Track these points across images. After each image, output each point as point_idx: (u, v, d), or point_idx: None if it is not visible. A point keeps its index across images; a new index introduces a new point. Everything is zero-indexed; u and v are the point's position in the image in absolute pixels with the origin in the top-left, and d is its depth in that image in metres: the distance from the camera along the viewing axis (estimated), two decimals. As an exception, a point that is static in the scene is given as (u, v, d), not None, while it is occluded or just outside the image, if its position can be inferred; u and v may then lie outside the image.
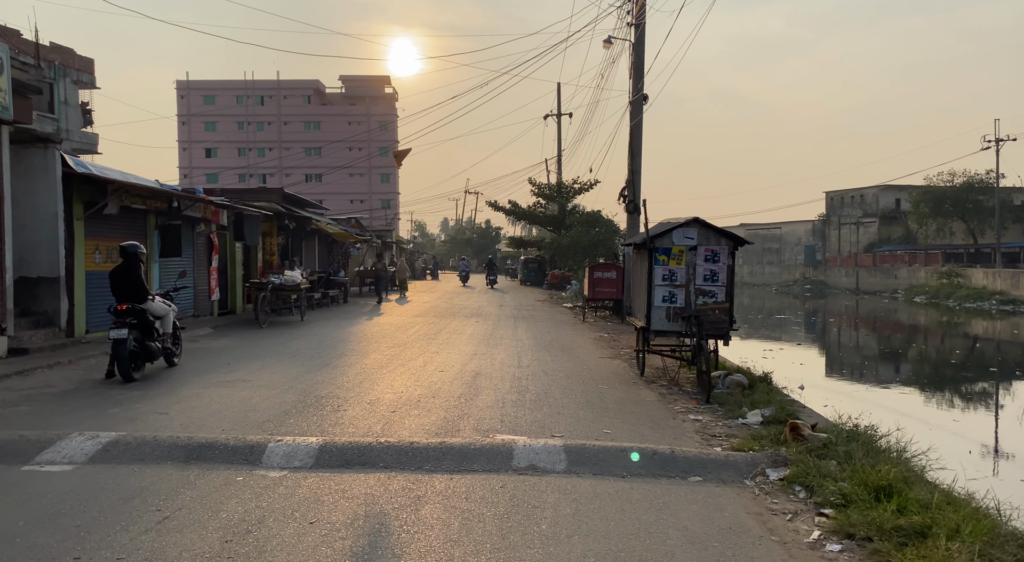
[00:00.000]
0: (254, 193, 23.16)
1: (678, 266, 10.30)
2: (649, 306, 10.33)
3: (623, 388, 9.93)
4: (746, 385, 9.93)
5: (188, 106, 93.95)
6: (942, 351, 24.22)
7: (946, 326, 34.21)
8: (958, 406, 14.87)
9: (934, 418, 12.73)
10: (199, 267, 17.50)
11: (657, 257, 10.31)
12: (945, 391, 16.86)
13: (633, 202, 21.27)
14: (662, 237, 10.31)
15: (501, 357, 12.64)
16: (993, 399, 16.25)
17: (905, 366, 20.93)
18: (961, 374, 19.51)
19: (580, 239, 37.18)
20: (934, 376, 18.95)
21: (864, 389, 16.87)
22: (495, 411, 8.14)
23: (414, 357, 12.41)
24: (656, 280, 10.30)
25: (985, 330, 32.22)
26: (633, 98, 21.09)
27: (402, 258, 41.97)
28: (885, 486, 5.09)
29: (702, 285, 10.26)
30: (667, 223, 10.89)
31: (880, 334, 31.54)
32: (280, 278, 17.57)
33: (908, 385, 17.69)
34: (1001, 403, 15.52)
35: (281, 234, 23.40)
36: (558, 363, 12.06)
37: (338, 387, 9.41)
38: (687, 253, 10.27)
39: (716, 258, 10.25)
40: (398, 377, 10.31)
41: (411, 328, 17.42)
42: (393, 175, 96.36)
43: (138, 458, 5.97)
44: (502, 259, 72.97)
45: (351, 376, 10.30)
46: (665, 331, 10.38)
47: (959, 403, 15.25)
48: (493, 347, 14.04)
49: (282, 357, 12.10)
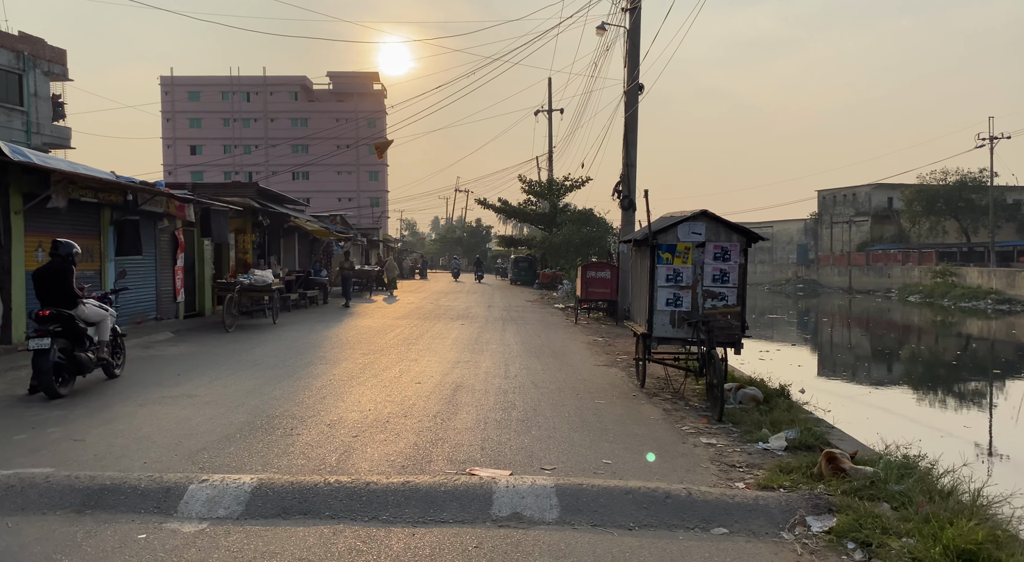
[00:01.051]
0: (228, 188, 21.88)
1: (684, 265, 9.14)
2: (651, 310, 9.18)
3: (622, 403, 8.76)
4: (761, 399, 8.79)
5: (172, 102, 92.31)
6: (944, 351, 23.21)
7: (944, 326, 33.29)
8: (975, 412, 13.79)
9: (957, 428, 11.63)
10: (163, 266, 16.22)
11: (660, 255, 9.15)
12: (958, 395, 15.80)
13: (628, 198, 20.12)
14: (666, 232, 9.16)
15: (486, 365, 11.46)
16: (995, 401, 15.19)
17: (908, 367, 19.89)
18: (971, 376, 18.47)
19: (572, 237, 36.02)
20: (941, 379, 17.90)
21: (866, 392, 15.84)
22: (475, 434, 6.96)
23: (390, 366, 11.21)
24: (659, 281, 9.14)
25: (984, 330, 31.28)
26: (628, 87, 19.93)
27: (390, 257, 41.00)
28: (970, 550, 3.95)
29: (711, 287, 9.11)
30: (671, 217, 9.73)
31: (878, 334, 30.56)
32: (249, 278, 16.32)
33: (913, 388, 16.64)
34: (995, 403, 14.47)
35: (256, 231, 22.12)
36: (549, 372, 10.89)
37: (297, 404, 8.20)
38: (694, 250, 9.12)
39: (726, 256, 9.10)
40: (368, 391, 9.11)
41: (391, 332, 16.21)
42: (382, 173, 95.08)
43: (19, 507, 4.75)
44: (492, 258, 73.06)
45: (315, 390, 9.09)
46: (669, 338, 9.22)
47: (975, 409, 14.18)
48: (478, 353, 12.86)
49: (242, 366, 10.87)
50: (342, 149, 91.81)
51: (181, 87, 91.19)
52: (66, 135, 37.62)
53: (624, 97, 20.21)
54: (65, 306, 8.28)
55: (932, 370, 19.66)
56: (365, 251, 42.99)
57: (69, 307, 8.31)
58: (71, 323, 8.24)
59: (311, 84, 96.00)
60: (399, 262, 51.42)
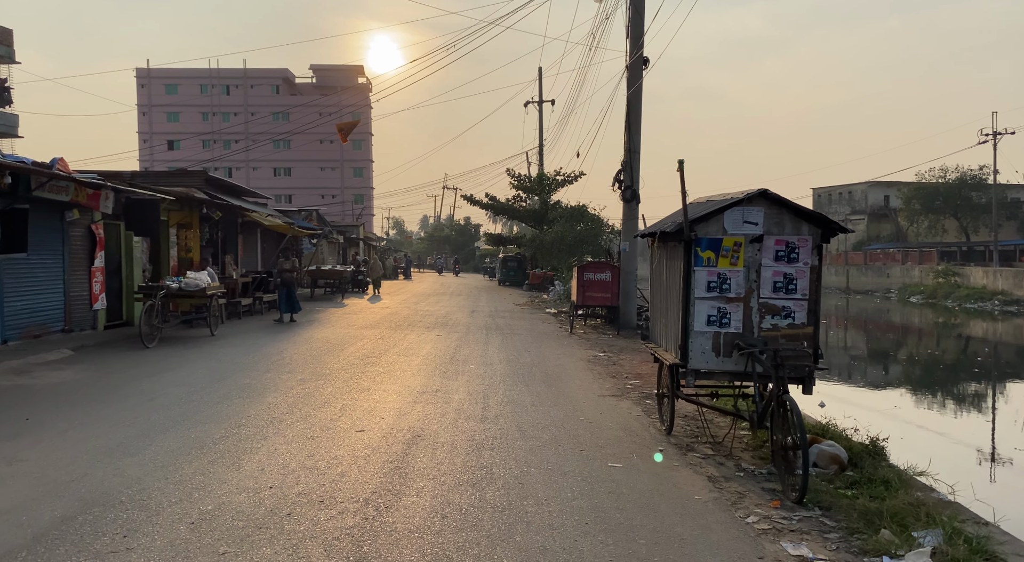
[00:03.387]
0: (171, 177, 19.11)
1: (733, 269, 6.48)
2: (685, 331, 6.51)
3: (649, 468, 6.09)
4: (845, 461, 6.15)
5: (149, 96, 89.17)
6: (964, 357, 20.67)
7: (951, 328, 30.89)
8: None
9: None
10: (74, 267, 13.41)
11: (699, 254, 6.48)
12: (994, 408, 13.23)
13: (631, 188, 17.48)
14: (707, 222, 6.49)
15: (460, 398, 8.76)
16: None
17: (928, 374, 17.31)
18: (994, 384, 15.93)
19: (564, 235, 33.34)
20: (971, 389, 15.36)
21: (885, 399, 13.34)
22: (425, 544, 4.27)
23: (330, 400, 8.49)
24: (698, 290, 6.48)
25: (997, 333, 28.83)
26: (631, 61, 17.29)
27: (374, 257, 38.92)
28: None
29: (771, 298, 6.46)
30: (712, 200, 7.08)
31: (885, 337, 28.09)
32: (180, 281, 13.54)
33: (937, 396, 14.14)
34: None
35: (206, 226, 19.31)
36: (541, 409, 8.21)
37: (165, 477, 5.48)
38: (747, 247, 6.46)
39: (793, 255, 6.45)
40: (284, 447, 6.39)
41: (350, 346, 13.48)
42: (367, 169, 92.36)
43: None
44: (480, 257, 70.88)
45: (207, 446, 6.37)
46: (712, 371, 6.56)
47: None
48: (451, 378, 10.16)
49: (127, 404, 8.12)
50: (325, 144, 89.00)
51: (158, 80, 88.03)
52: (12, 122, 34.62)
53: (626, 72, 17.56)
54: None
55: (958, 377, 17.08)
56: (342, 250, 40.18)
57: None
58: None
59: (293, 77, 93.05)
60: (382, 262, 48.64)
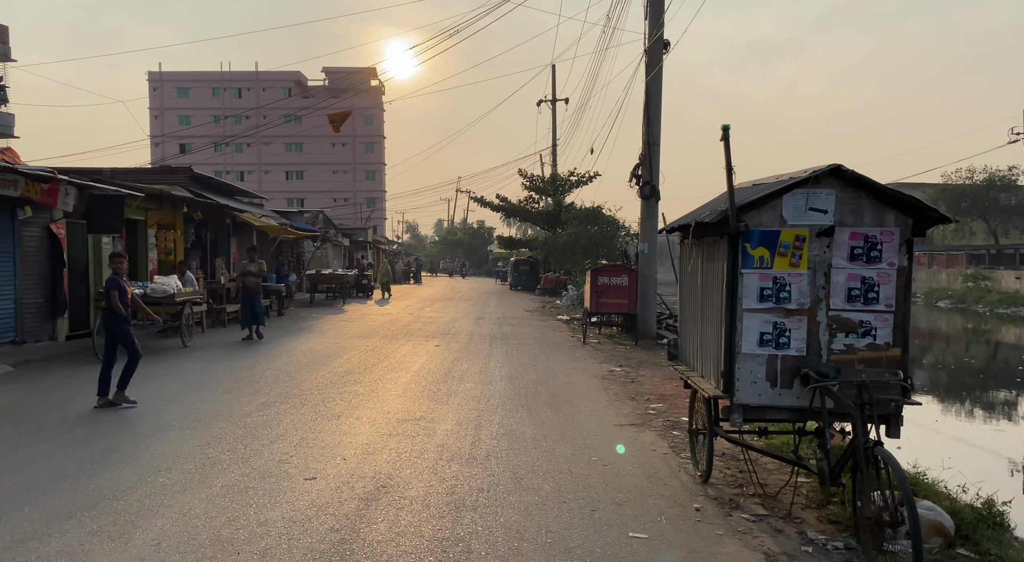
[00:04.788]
0: (153, 174, 17.77)
1: (794, 271, 4.91)
2: (730, 354, 4.95)
3: (682, 539, 4.52)
4: (952, 533, 4.55)
5: (161, 99, 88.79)
6: None
7: (989, 334, 28.91)
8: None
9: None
10: (27, 271, 12.04)
11: (749, 251, 4.92)
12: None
13: (650, 184, 15.90)
14: (759, 209, 4.92)
15: (446, 428, 7.23)
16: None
17: (996, 390, 15.53)
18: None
19: (578, 238, 31.77)
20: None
21: (964, 427, 11.53)
22: None
23: (289, 431, 6.98)
24: (747, 300, 4.92)
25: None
26: (650, 44, 15.73)
27: (384, 261, 38.35)
28: None
29: (845, 310, 4.88)
30: (763, 183, 5.51)
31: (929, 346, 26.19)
32: (145, 286, 12.13)
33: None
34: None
35: (191, 227, 17.95)
36: (544, 446, 6.65)
37: (12, 561, 4.00)
38: (812, 243, 4.89)
39: (875, 253, 4.87)
40: (203, 506, 4.89)
41: (335, 359, 12.00)
42: (379, 172, 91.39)
43: None
44: (493, 261, 69.90)
45: (101, 505, 4.88)
46: (766, 407, 4.98)
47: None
48: (441, 401, 8.63)
49: (36, 437, 6.65)
50: (337, 147, 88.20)
51: (170, 83, 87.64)
52: (7, 122, 33.64)
53: (644, 57, 16.01)
54: None
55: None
56: (348, 253, 38.85)
57: None
58: None
59: (306, 80, 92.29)
60: (392, 266, 47.32)
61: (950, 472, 6.12)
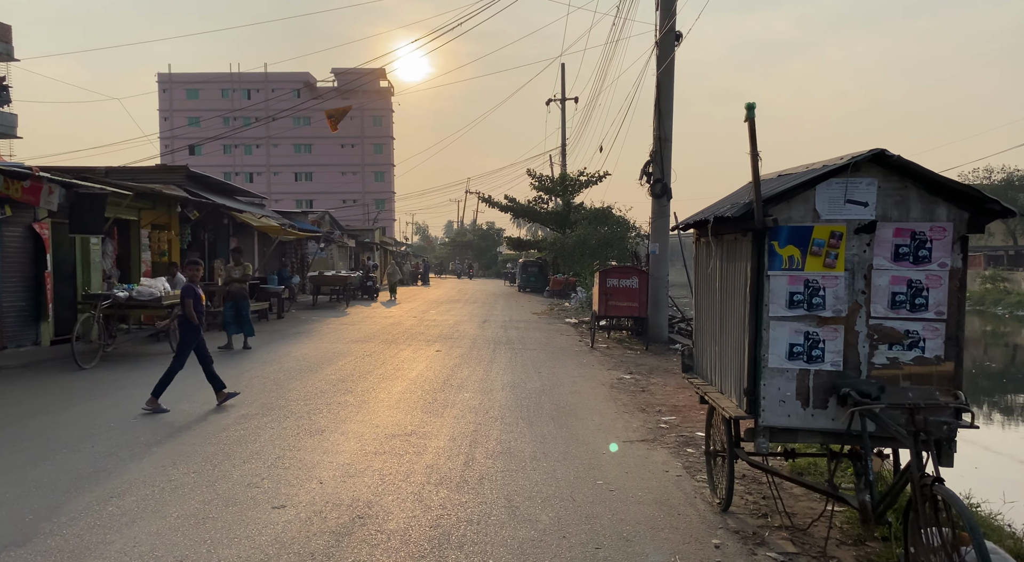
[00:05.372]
0: (149, 173, 17.26)
1: (829, 273, 4.25)
2: (755, 368, 4.30)
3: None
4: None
5: (171, 101, 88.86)
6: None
7: (1012, 337, 28.04)
8: None
9: None
10: (7, 274, 11.51)
11: (777, 250, 4.27)
12: None
13: (661, 181, 15.23)
14: (789, 201, 4.27)
15: (438, 445, 6.61)
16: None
17: None
18: None
19: (587, 238, 31.08)
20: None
21: (1004, 436, 10.76)
22: None
23: (265, 449, 6.37)
24: (775, 306, 4.27)
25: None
26: (661, 35, 15.07)
27: (392, 262, 38.20)
28: None
29: (889, 318, 4.22)
30: (790, 174, 4.86)
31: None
32: (131, 288, 11.58)
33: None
34: None
35: (187, 227, 17.44)
36: (545, 466, 6.01)
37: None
38: (850, 240, 4.23)
39: (923, 252, 4.21)
40: (150, 542, 4.28)
41: (329, 366, 11.41)
42: (387, 173, 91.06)
43: None
44: (502, 262, 69.66)
45: (31, 543, 4.29)
46: (796, 429, 4.33)
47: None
48: (436, 414, 8.00)
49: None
50: (347, 148, 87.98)
51: (179, 84, 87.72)
52: (11, 123, 33.26)
53: (656, 49, 15.35)
54: None
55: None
56: (354, 255, 38.35)
57: None
58: None
59: (315, 81, 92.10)
60: (400, 267, 46.82)
61: (1012, 505, 5.41)
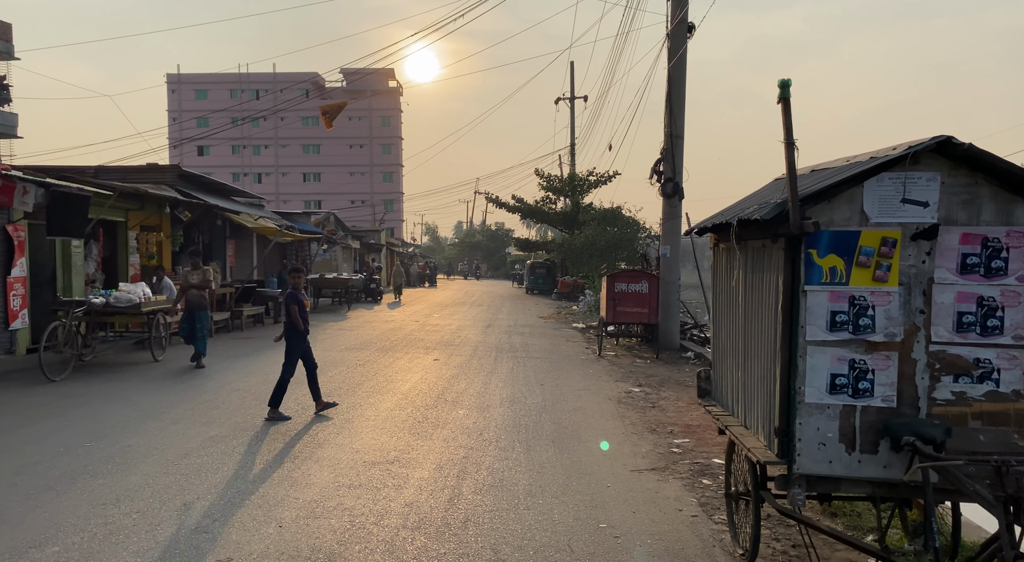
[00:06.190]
0: (139, 172, 16.63)
1: (879, 287, 3.48)
2: (788, 403, 3.54)
3: None
4: None
5: (180, 101, 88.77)
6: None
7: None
8: None
9: None
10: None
11: (815, 260, 3.50)
12: None
13: (672, 180, 14.47)
14: (830, 201, 3.51)
15: (421, 476, 5.87)
16: None
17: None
18: None
19: (596, 239, 30.32)
20: None
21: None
22: None
23: (227, 479, 5.65)
24: (813, 328, 3.50)
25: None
26: (672, 27, 14.30)
27: (397, 264, 37.73)
28: None
29: (953, 344, 3.44)
30: (825, 168, 4.09)
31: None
32: (109, 294, 10.92)
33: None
34: None
35: (179, 229, 16.80)
36: (542, 504, 5.26)
37: None
38: (907, 248, 3.46)
39: (997, 262, 3.43)
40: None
41: (321, 376, 10.68)
42: (396, 174, 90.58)
43: None
44: (511, 263, 69.20)
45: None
46: (839, 478, 3.56)
47: None
48: (425, 435, 7.27)
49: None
50: (355, 149, 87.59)
51: (188, 85, 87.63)
52: (11, 122, 32.84)
53: (667, 41, 14.58)
54: None
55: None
56: (359, 256, 37.71)
57: None
58: None
59: (323, 81, 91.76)
60: (406, 269, 46.19)
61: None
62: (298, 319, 8.12)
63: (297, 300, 8.21)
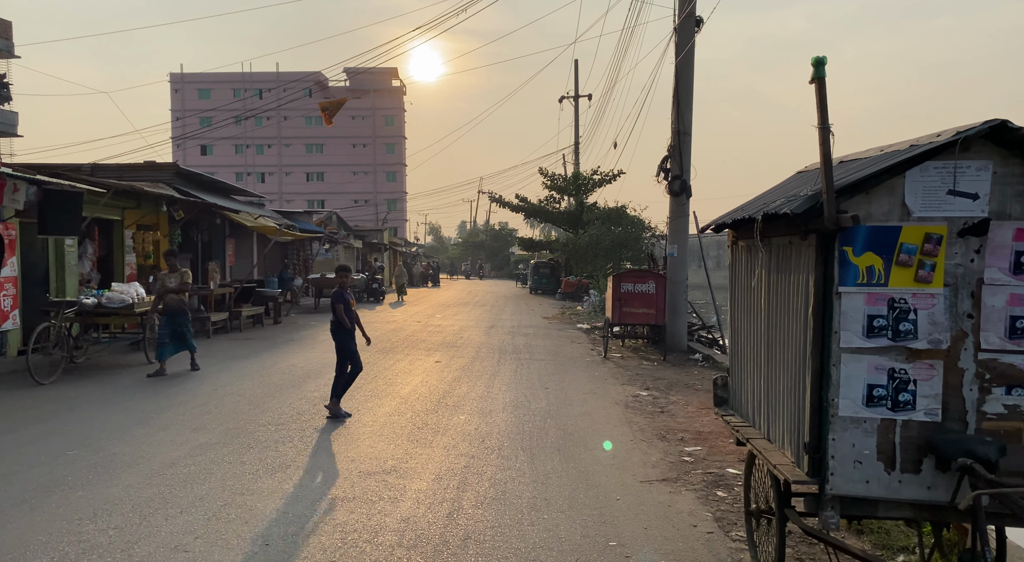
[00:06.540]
0: (136, 170, 16.34)
1: (922, 289, 3.14)
2: (820, 416, 3.19)
3: None
4: None
5: (183, 101, 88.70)
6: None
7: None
8: None
9: None
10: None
11: (850, 258, 3.16)
12: None
13: (680, 178, 14.11)
14: (868, 192, 3.16)
15: (419, 489, 5.54)
16: None
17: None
18: None
19: (600, 239, 29.96)
20: None
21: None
22: None
23: (214, 490, 5.33)
24: (847, 334, 3.15)
25: None
26: (680, 20, 13.97)
27: (400, 263, 37.40)
28: None
29: (1006, 352, 3.09)
30: (854, 159, 3.75)
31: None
32: (101, 294, 10.62)
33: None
34: None
35: (177, 228, 16.51)
36: (547, 519, 4.93)
37: None
38: (953, 245, 3.12)
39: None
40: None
41: (315, 380, 10.41)
42: (400, 173, 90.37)
43: None
44: (515, 263, 69.02)
45: None
46: (877, 500, 3.22)
47: None
48: (424, 443, 6.94)
49: None
50: (358, 148, 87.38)
51: (191, 84, 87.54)
52: (11, 121, 32.59)
53: (674, 35, 14.24)
54: None
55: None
56: (361, 256, 37.42)
57: None
58: None
59: (327, 80, 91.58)
60: (409, 268, 45.86)
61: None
62: (343, 317, 8.27)
63: (343, 299, 8.42)
